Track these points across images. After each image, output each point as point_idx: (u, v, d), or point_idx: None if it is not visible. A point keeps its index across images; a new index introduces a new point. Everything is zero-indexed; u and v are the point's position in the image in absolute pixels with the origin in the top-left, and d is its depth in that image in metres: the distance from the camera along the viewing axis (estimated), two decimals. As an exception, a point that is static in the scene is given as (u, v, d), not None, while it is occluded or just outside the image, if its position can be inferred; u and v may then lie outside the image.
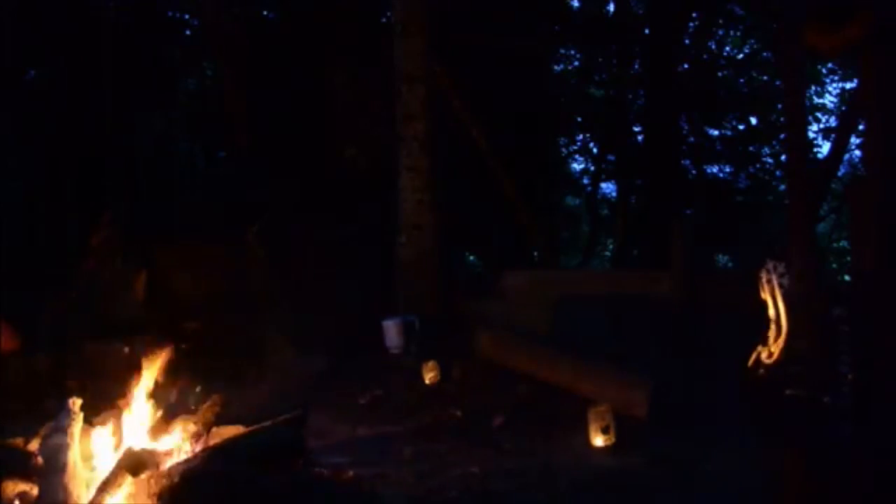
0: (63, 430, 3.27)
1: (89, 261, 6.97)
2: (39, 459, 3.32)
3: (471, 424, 5.03)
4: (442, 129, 8.23)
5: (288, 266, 7.70)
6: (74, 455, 3.27)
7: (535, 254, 10.69)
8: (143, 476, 3.20)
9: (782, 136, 12.27)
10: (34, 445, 3.52)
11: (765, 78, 13.91)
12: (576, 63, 14.60)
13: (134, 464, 3.21)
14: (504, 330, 6.57)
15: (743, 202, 14.44)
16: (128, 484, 3.21)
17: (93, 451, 3.50)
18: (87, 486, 3.26)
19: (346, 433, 4.94)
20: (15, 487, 3.30)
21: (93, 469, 3.42)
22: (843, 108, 13.35)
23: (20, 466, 3.38)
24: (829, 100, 14.43)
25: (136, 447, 3.39)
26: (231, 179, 10.28)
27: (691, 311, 6.00)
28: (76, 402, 3.37)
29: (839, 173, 11.43)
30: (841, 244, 14.83)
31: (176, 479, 3.15)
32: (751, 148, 14.34)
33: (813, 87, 13.62)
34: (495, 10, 10.62)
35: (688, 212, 13.03)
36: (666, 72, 12.49)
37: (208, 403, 3.89)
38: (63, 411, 3.34)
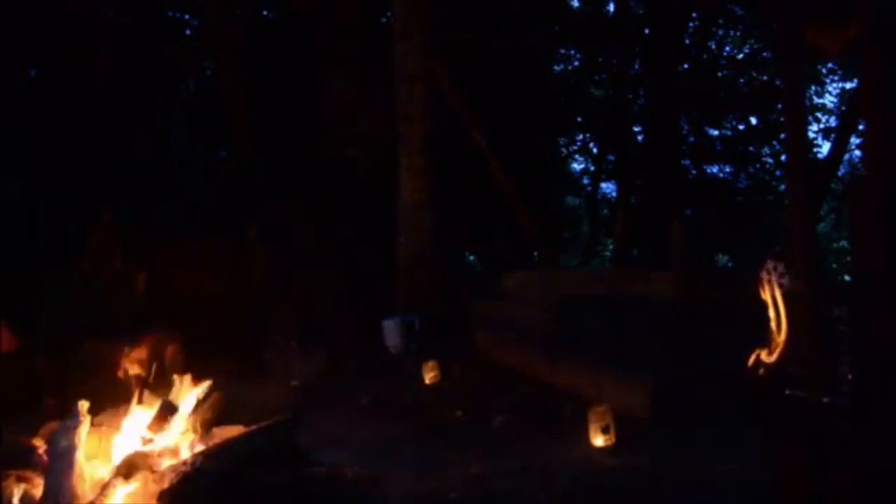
0: (71, 430, 3.29)
1: (89, 261, 6.97)
2: (45, 458, 3.34)
3: (471, 424, 5.02)
4: (442, 129, 8.23)
5: (288, 266, 7.70)
6: (80, 456, 3.29)
7: (535, 254, 10.68)
8: (140, 477, 3.20)
9: (782, 136, 12.27)
10: (36, 443, 3.54)
11: (765, 78, 13.92)
12: (576, 63, 14.61)
13: (126, 467, 3.22)
14: (504, 330, 6.57)
15: (743, 202, 14.45)
16: (126, 485, 3.22)
17: (96, 451, 3.51)
18: (92, 486, 3.27)
19: (346, 433, 4.94)
20: (18, 485, 3.31)
21: (96, 469, 3.43)
22: (843, 108, 13.36)
23: (22, 462, 3.40)
24: (829, 100, 14.47)
25: (132, 449, 3.40)
26: (231, 179, 10.28)
27: (691, 311, 6.00)
28: (84, 405, 3.39)
29: (839, 173, 11.46)
30: (841, 244, 14.84)
31: (175, 479, 3.16)
32: (751, 148, 14.35)
33: (813, 87, 13.63)
34: (495, 11, 10.62)
35: (688, 212, 13.03)
36: (666, 72, 12.49)
37: (208, 403, 3.89)
38: (71, 413, 3.36)
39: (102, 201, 7.61)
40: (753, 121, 14.25)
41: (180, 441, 3.63)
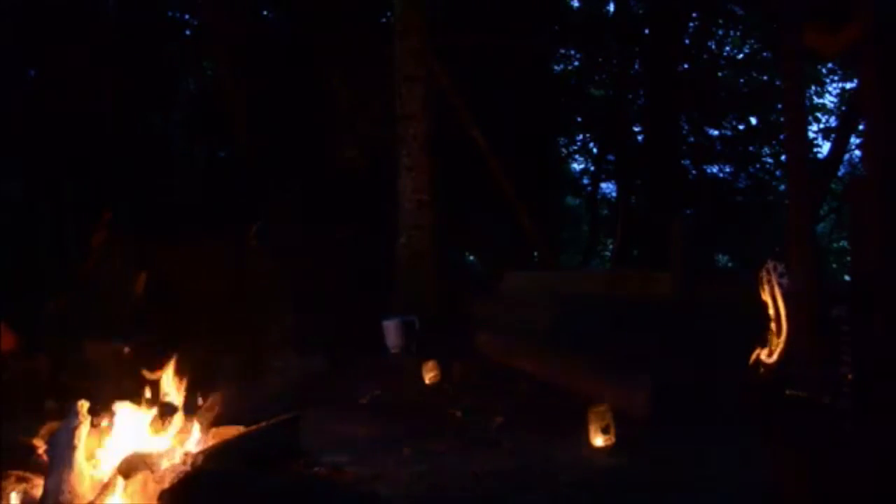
0: (71, 430, 3.29)
1: (89, 261, 6.97)
2: (45, 458, 3.34)
3: (471, 424, 5.02)
4: (442, 129, 8.23)
5: (288, 266, 7.70)
6: (80, 456, 3.29)
7: (535, 254, 10.68)
8: (139, 477, 3.20)
9: (782, 136, 12.27)
10: (36, 443, 3.54)
11: (765, 78, 13.93)
12: (576, 63, 14.61)
13: (126, 467, 3.22)
14: (504, 330, 6.57)
15: (743, 202, 14.45)
16: (125, 485, 3.21)
17: (96, 451, 3.50)
18: (91, 487, 3.27)
19: (346, 433, 4.93)
20: (17, 485, 3.31)
21: (96, 469, 3.43)
22: (843, 108, 13.35)
23: (22, 462, 3.40)
24: (829, 100, 14.46)
25: (132, 449, 3.39)
26: (231, 179, 10.28)
27: (691, 311, 6.00)
28: (84, 405, 3.39)
29: (839, 173, 11.44)
30: (841, 244, 14.83)
31: (175, 480, 3.15)
32: (751, 148, 14.36)
33: (813, 87, 13.63)
34: (495, 10, 10.62)
35: (688, 212, 13.04)
36: (666, 72, 12.49)
37: (208, 403, 3.89)
38: (71, 413, 3.36)
39: (102, 201, 7.61)
40: (753, 121, 14.25)
41: (179, 442, 3.62)
